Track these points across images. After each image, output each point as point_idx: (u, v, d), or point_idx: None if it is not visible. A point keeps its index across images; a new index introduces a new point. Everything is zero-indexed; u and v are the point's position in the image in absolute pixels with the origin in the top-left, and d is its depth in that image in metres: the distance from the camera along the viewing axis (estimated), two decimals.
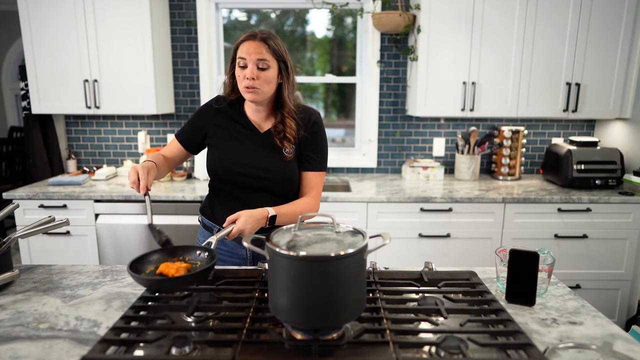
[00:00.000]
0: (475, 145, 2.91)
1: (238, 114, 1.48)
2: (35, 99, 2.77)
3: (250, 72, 1.33)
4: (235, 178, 1.44)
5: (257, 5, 3.08)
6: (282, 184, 1.45)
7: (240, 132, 1.46)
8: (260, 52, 1.33)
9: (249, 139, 1.45)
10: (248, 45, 1.34)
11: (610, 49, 2.67)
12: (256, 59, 1.32)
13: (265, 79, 1.35)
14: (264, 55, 1.33)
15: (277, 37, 1.39)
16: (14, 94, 5.40)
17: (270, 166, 1.43)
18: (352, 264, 0.87)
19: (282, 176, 1.44)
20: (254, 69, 1.33)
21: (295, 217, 1.32)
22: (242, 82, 1.35)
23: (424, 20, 2.66)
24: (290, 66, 1.40)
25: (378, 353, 0.84)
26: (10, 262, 1.26)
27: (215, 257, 1.07)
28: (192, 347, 0.86)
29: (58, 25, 2.68)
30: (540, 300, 1.13)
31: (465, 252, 2.56)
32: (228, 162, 1.44)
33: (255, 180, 1.43)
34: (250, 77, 1.33)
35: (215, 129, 1.47)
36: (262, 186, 1.44)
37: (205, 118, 1.49)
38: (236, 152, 1.44)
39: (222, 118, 1.48)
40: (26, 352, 0.88)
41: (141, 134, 3.11)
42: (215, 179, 1.49)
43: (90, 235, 2.58)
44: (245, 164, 1.43)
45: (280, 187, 1.46)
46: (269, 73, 1.35)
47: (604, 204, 2.51)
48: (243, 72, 1.34)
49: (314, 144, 1.47)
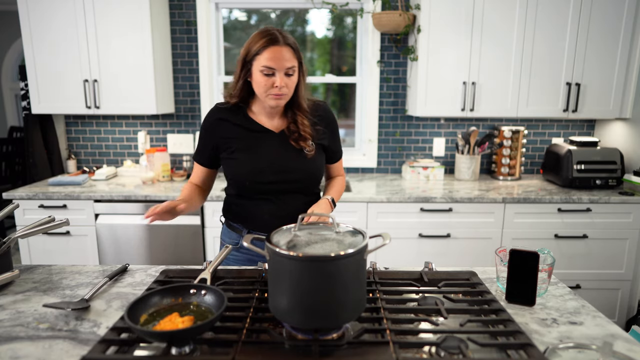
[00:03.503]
0: (475, 145, 2.91)
1: (245, 120, 1.41)
2: (35, 99, 2.77)
3: (281, 80, 1.27)
4: (263, 187, 1.39)
5: (257, 5, 3.08)
6: (308, 182, 1.44)
7: (256, 138, 1.40)
8: (288, 58, 1.28)
9: (267, 143, 1.40)
10: (275, 53, 1.26)
11: (611, 48, 2.67)
12: (286, 67, 1.27)
13: (292, 84, 1.31)
14: (293, 62, 1.29)
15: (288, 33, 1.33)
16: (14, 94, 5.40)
17: (295, 168, 1.40)
18: (352, 264, 0.87)
19: (308, 174, 1.43)
20: (283, 78, 1.28)
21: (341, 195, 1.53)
22: (267, 89, 1.30)
23: (424, 20, 2.66)
24: (303, 62, 1.37)
25: (378, 353, 0.84)
26: (10, 262, 1.26)
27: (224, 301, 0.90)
28: (192, 347, 0.86)
29: (58, 25, 2.68)
30: (541, 300, 1.12)
31: (465, 252, 2.56)
32: (253, 173, 1.38)
33: (283, 184, 1.40)
34: (281, 86, 1.28)
35: (227, 141, 1.40)
36: (291, 188, 1.41)
37: (211, 132, 1.42)
38: (258, 162, 1.38)
39: (230, 127, 1.40)
40: (26, 352, 0.88)
41: (141, 134, 3.11)
42: (241, 188, 1.43)
43: (90, 235, 2.58)
44: (271, 171, 1.38)
45: (307, 185, 1.45)
46: (295, 78, 1.31)
47: (604, 204, 2.51)
48: (270, 80, 1.28)
49: (333, 136, 1.50)
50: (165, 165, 2.90)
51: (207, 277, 1.10)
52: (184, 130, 3.14)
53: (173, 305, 0.95)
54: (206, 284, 1.05)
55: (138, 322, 0.88)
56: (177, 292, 0.97)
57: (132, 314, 0.88)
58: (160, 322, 0.88)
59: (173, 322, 0.88)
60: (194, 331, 0.83)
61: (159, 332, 0.83)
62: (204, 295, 0.97)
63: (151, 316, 0.91)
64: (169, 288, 0.97)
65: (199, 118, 3.12)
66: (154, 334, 0.83)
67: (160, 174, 2.89)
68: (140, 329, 0.83)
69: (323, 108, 1.47)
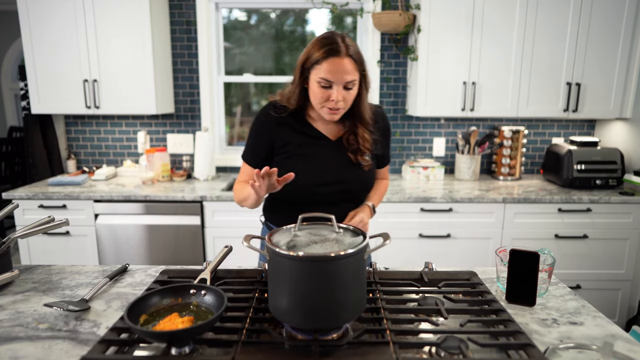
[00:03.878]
0: (476, 145, 2.91)
1: (303, 124, 1.36)
2: (35, 99, 2.77)
3: (338, 94, 1.20)
4: (314, 195, 1.35)
5: (257, 5, 3.08)
6: (361, 191, 1.42)
7: (312, 145, 1.35)
8: (350, 72, 1.19)
9: (323, 150, 1.35)
10: (334, 65, 1.18)
11: (611, 48, 2.67)
12: (345, 81, 1.19)
13: (350, 98, 1.24)
14: (353, 76, 1.20)
15: (353, 40, 1.24)
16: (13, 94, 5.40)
17: (350, 178, 1.35)
18: (352, 264, 0.87)
19: (362, 185, 1.40)
20: (340, 91, 1.20)
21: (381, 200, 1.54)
22: (322, 101, 1.23)
23: (424, 20, 2.66)
24: (367, 72, 1.27)
25: (378, 353, 0.84)
26: (9, 262, 1.26)
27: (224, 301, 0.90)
28: (192, 347, 0.86)
29: (58, 25, 2.68)
30: (541, 300, 1.12)
31: (466, 252, 2.56)
32: (309, 181, 1.33)
33: (335, 194, 1.36)
34: (337, 100, 1.20)
35: (282, 144, 1.35)
36: (343, 197, 1.38)
37: (267, 132, 1.36)
38: (313, 170, 1.33)
39: (287, 130, 1.35)
40: (26, 353, 0.88)
41: (141, 134, 3.10)
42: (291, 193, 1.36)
43: (89, 235, 2.58)
44: (326, 180, 1.34)
45: (359, 194, 1.42)
46: (354, 91, 1.23)
47: (604, 204, 2.51)
48: (326, 93, 1.21)
49: (387, 143, 1.47)
50: (165, 165, 2.90)
51: (207, 277, 1.10)
52: (184, 130, 3.14)
53: (173, 305, 0.95)
54: (206, 284, 1.05)
55: (138, 322, 0.88)
56: (177, 292, 0.97)
57: (132, 314, 0.87)
58: (160, 322, 0.88)
59: (173, 322, 0.88)
60: (194, 331, 0.82)
61: (158, 332, 0.83)
62: (204, 295, 0.96)
63: (151, 316, 0.91)
64: (169, 288, 0.97)
65: (198, 118, 3.12)
66: (153, 334, 0.83)
67: (160, 174, 2.89)
68: (140, 329, 0.82)
69: (381, 116, 1.41)
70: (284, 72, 3.24)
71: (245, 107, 3.34)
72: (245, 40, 3.21)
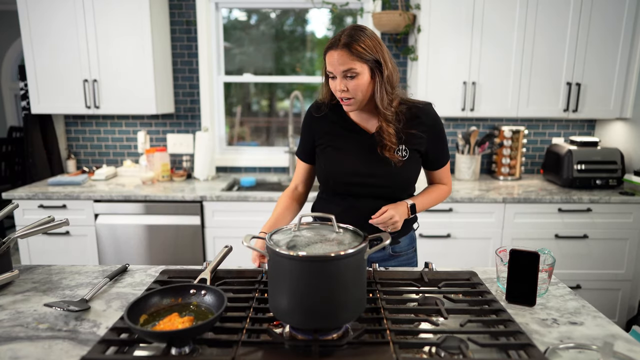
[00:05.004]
0: (476, 145, 2.91)
1: (341, 118, 1.40)
2: (35, 98, 2.77)
3: (339, 84, 1.25)
4: (346, 188, 1.38)
5: (257, 5, 3.08)
6: (394, 189, 1.37)
7: (347, 137, 1.38)
8: (344, 62, 1.23)
9: (357, 143, 1.37)
10: (331, 56, 1.25)
11: (611, 48, 2.67)
12: (341, 71, 1.24)
13: (356, 87, 1.25)
14: (348, 65, 1.23)
15: (362, 34, 1.24)
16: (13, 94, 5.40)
17: (381, 173, 1.34)
18: (352, 264, 0.87)
19: (394, 182, 1.35)
20: (342, 81, 1.25)
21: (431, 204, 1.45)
22: (335, 92, 1.30)
23: (424, 20, 2.66)
24: (385, 63, 1.27)
25: (378, 353, 0.84)
26: (9, 262, 1.26)
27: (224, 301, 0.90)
28: (192, 347, 0.86)
29: (58, 25, 2.68)
30: (541, 300, 1.12)
31: (466, 252, 2.56)
32: (337, 172, 1.37)
33: (367, 188, 1.36)
34: (341, 90, 1.26)
35: (322, 137, 1.41)
36: (375, 193, 1.36)
37: (310, 127, 1.43)
38: (344, 162, 1.36)
39: (326, 124, 1.41)
40: (26, 353, 0.88)
41: (141, 134, 3.10)
42: (327, 187, 1.43)
43: (89, 235, 2.58)
44: (355, 173, 1.35)
45: (392, 192, 1.37)
46: (360, 80, 1.25)
47: (604, 204, 2.51)
48: (334, 84, 1.28)
49: (436, 141, 1.38)
50: (165, 165, 2.90)
51: (207, 277, 1.10)
52: (184, 130, 3.14)
53: (173, 305, 0.95)
54: (206, 284, 1.05)
55: (138, 322, 0.88)
56: (177, 292, 0.97)
57: (132, 314, 0.87)
58: (160, 322, 0.88)
59: (173, 323, 0.88)
60: (193, 331, 0.82)
61: (158, 332, 0.83)
62: (204, 295, 0.96)
63: (151, 316, 0.91)
64: (168, 288, 0.97)
65: (198, 118, 3.12)
66: (153, 334, 0.83)
67: (160, 174, 2.89)
68: (140, 330, 0.82)
69: (424, 111, 1.37)
70: (284, 72, 3.24)
71: (245, 107, 3.34)
72: (245, 40, 3.21)
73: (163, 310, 0.93)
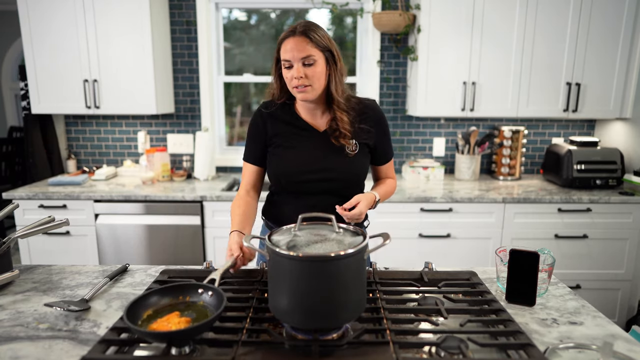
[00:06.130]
0: (476, 145, 2.91)
1: (291, 116, 1.41)
2: (35, 99, 2.77)
3: (297, 71, 1.26)
4: (299, 186, 1.38)
5: (257, 5, 3.08)
6: (348, 182, 1.39)
7: (298, 135, 1.39)
8: (302, 49, 1.25)
9: (308, 141, 1.38)
10: (289, 44, 1.26)
11: (611, 48, 2.67)
12: (300, 57, 1.25)
13: (314, 74, 1.27)
14: (307, 52, 1.25)
15: (317, 25, 1.30)
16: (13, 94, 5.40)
17: (334, 167, 1.36)
18: (352, 264, 0.87)
19: (348, 176, 1.38)
20: (300, 68, 1.26)
21: (387, 196, 1.49)
22: (290, 82, 1.29)
23: (424, 20, 2.66)
24: (336, 55, 1.31)
25: (378, 353, 0.84)
26: (9, 262, 1.26)
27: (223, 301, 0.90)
28: (192, 347, 0.86)
29: (58, 25, 2.68)
30: (541, 300, 1.12)
31: (465, 252, 2.56)
32: (290, 171, 1.37)
33: (320, 183, 1.37)
34: (299, 77, 1.26)
35: (272, 136, 1.40)
36: (329, 189, 1.38)
37: (259, 128, 1.42)
38: (297, 160, 1.37)
39: (276, 123, 1.41)
40: (26, 352, 0.88)
41: (141, 134, 3.10)
42: (279, 187, 1.43)
43: (90, 235, 2.58)
44: (309, 170, 1.36)
45: (346, 185, 1.39)
46: (317, 68, 1.27)
47: (604, 204, 2.51)
48: (290, 73, 1.28)
49: (381, 135, 1.43)
50: (165, 165, 2.90)
51: (217, 277, 1.05)
52: (184, 130, 3.14)
53: (173, 305, 0.95)
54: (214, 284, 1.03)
55: (138, 322, 0.88)
56: (176, 292, 0.97)
57: (132, 314, 0.87)
58: (160, 322, 0.88)
59: (172, 322, 0.88)
60: (193, 331, 0.83)
61: (158, 332, 0.83)
62: (203, 295, 0.96)
63: (151, 316, 0.91)
64: (168, 288, 0.97)
65: (198, 118, 3.12)
66: (153, 335, 0.83)
67: (160, 174, 2.89)
68: (140, 330, 0.82)
69: (371, 107, 1.42)
70: None
71: (245, 107, 3.34)
72: (245, 40, 3.21)
73: (163, 310, 0.93)
